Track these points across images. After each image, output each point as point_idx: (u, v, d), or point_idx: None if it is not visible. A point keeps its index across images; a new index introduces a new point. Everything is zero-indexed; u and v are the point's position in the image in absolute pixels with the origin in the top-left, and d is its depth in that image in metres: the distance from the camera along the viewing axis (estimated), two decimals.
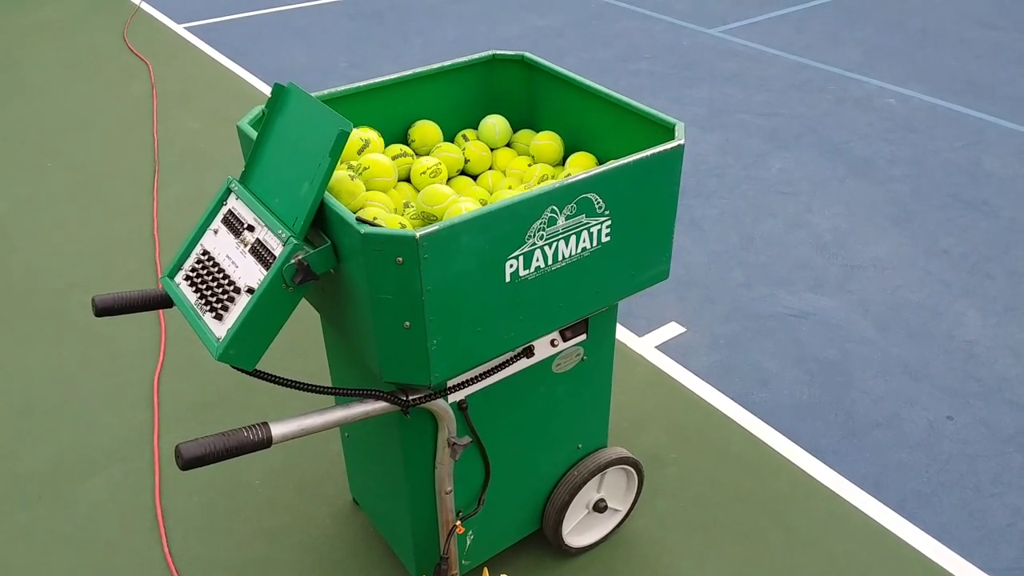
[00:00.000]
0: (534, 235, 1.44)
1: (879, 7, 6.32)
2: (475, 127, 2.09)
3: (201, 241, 1.56)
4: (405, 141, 2.00)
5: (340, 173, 1.64)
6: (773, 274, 3.31)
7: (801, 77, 5.10)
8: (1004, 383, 2.74)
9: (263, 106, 1.74)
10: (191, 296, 1.51)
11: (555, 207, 1.44)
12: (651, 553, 2.17)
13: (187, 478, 2.41)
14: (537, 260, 1.47)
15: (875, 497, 2.33)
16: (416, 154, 1.96)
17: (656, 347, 2.91)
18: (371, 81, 1.88)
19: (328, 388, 1.51)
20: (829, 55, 5.41)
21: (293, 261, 1.38)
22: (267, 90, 5.03)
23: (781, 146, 4.30)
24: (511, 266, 1.44)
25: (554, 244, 1.48)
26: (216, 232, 1.54)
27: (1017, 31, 5.79)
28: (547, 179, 1.84)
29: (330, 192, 1.59)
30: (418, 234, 1.29)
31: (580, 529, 2.13)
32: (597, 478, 2.06)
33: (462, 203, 1.59)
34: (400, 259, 1.32)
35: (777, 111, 4.67)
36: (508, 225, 1.39)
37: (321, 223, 1.44)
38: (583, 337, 1.80)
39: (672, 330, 3.00)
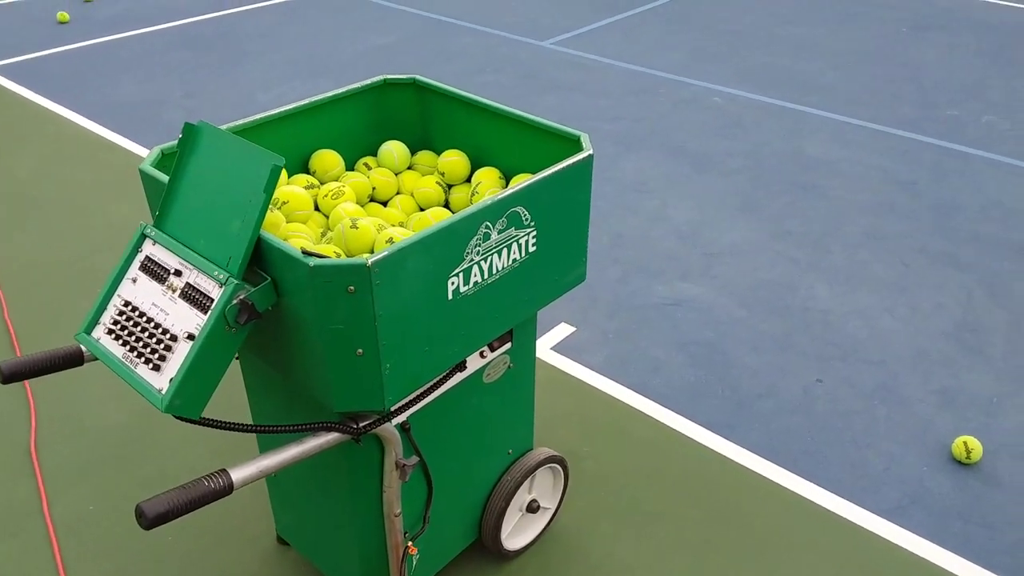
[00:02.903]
0: (472, 251, 1.49)
1: (696, 13, 6.83)
2: (372, 153, 2.10)
3: (119, 292, 1.49)
4: (307, 172, 1.99)
5: None
6: (645, 268, 3.52)
7: (636, 83, 5.42)
8: (858, 344, 3.07)
9: (161, 147, 1.68)
10: (117, 350, 1.43)
11: (488, 223, 1.50)
12: (583, 544, 2.26)
13: (90, 546, 2.25)
14: (475, 275, 1.52)
15: (771, 461, 2.55)
16: (321, 183, 1.95)
17: (552, 348, 3.02)
18: (263, 115, 1.86)
19: (279, 427, 1.48)
20: (658, 60, 5.79)
21: (236, 301, 1.35)
22: (100, 130, 4.73)
23: (630, 148, 4.56)
24: (453, 283, 1.48)
25: (489, 258, 1.53)
26: (135, 281, 1.48)
27: (819, 27, 6.44)
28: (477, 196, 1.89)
29: None
30: (369, 261, 1.31)
31: (516, 532, 2.19)
32: (528, 480, 2.12)
33: (391, 231, 1.61)
34: (352, 288, 1.33)
35: (620, 116, 4.95)
36: (449, 244, 1.44)
37: (255, 260, 1.41)
38: (508, 345, 1.87)
39: (563, 331, 3.12)
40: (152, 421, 2.67)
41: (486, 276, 1.54)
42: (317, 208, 1.87)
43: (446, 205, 1.98)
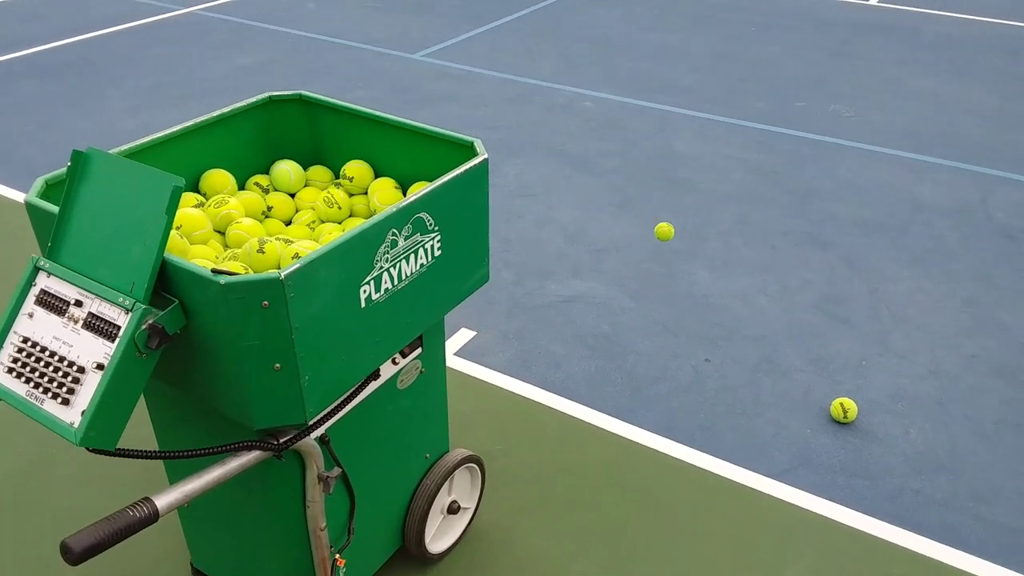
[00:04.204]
0: (381, 258, 1.52)
1: (558, 24, 7.05)
2: (261, 171, 2.09)
3: (14, 329, 1.43)
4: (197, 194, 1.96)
5: None
6: (537, 268, 3.63)
7: (509, 91, 5.56)
8: (739, 323, 3.28)
9: (45, 178, 1.62)
10: (19, 388, 1.38)
11: (395, 230, 1.53)
12: (506, 540, 2.32)
13: None
14: (386, 282, 1.55)
15: (671, 439, 2.69)
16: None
17: (455, 353, 3.07)
18: (147, 139, 1.82)
19: (200, 451, 1.46)
20: (527, 68, 5.95)
21: (145, 326, 1.33)
22: None
23: (511, 154, 4.68)
24: (365, 291, 1.51)
25: (398, 264, 1.57)
26: (32, 316, 1.43)
27: (675, 32, 6.79)
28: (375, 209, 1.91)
29: None
30: (283, 274, 1.32)
31: (439, 535, 2.22)
32: (447, 482, 2.16)
33: (297, 247, 1.62)
34: (266, 303, 1.34)
35: (498, 123, 5.06)
36: (358, 252, 1.46)
37: (160, 283, 1.40)
38: (419, 351, 1.90)
39: (465, 335, 3.18)
40: (42, 466, 2.54)
41: (396, 282, 1.58)
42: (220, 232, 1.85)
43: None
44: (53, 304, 1.41)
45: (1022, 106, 5.38)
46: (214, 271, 1.34)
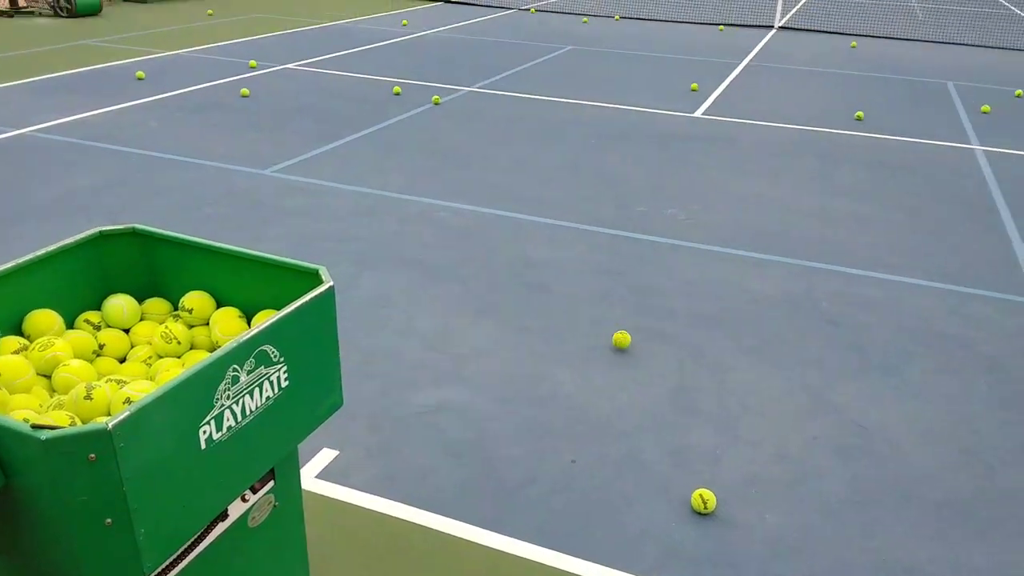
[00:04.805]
0: (221, 396, 1.47)
1: (406, 139, 7.25)
2: (92, 308, 2.00)
3: None
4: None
5: None
6: (399, 379, 3.59)
7: (363, 204, 5.62)
8: (601, 421, 3.36)
9: None
10: None
11: (236, 365, 1.49)
12: None
13: None
14: (228, 420, 1.50)
15: (543, 546, 2.67)
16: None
17: (316, 476, 2.95)
18: None
19: None
20: (379, 182, 6.05)
21: None
22: None
23: (367, 267, 4.68)
24: (205, 432, 1.45)
25: (241, 400, 1.52)
26: None
27: (522, 145, 7.13)
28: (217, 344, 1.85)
29: None
30: (111, 424, 1.25)
31: None
32: None
33: (129, 390, 1.54)
34: (93, 455, 1.26)
35: (353, 236, 5.08)
36: (196, 392, 1.41)
37: None
38: (271, 484, 1.83)
39: (327, 456, 3.07)
40: None
41: (240, 419, 1.53)
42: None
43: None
44: None
45: (834, 203, 5.98)
46: (34, 426, 1.25)
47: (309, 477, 2.96)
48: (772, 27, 14.64)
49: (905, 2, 20.05)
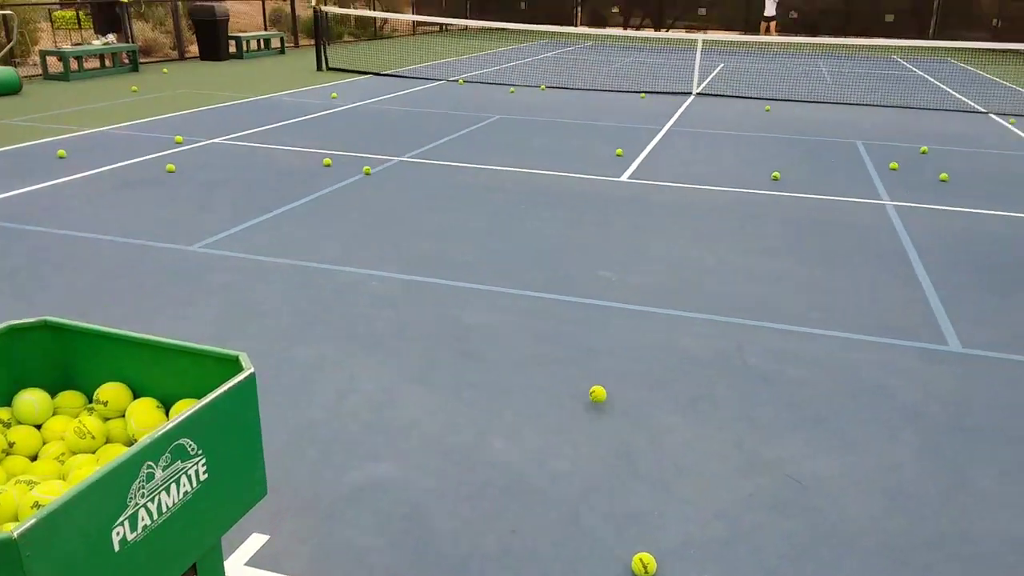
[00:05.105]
0: (135, 495, 1.42)
1: (342, 207, 7.25)
2: (2, 405, 1.91)
3: None
4: None
5: None
6: (332, 455, 3.51)
7: (294, 277, 5.56)
8: (539, 487, 3.33)
9: None
10: None
11: (151, 462, 1.44)
12: None
13: None
14: (143, 519, 1.44)
15: None
16: None
17: (245, 564, 2.84)
18: None
19: None
20: (312, 252, 6.01)
21: None
22: None
23: (302, 338, 4.61)
24: (118, 533, 1.39)
25: (156, 498, 1.47)
26: None
27: (451, 212, 7.19)
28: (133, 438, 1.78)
29: None
30: (16, 533, 1.19)
31: None
32: None
33: (38, 492, 1.47)
34: None
35: (284, 310, 5.00)
36: (108, 493, 1.35)
37: None
38: None
39: (256, 541, 2.96)
40: None
41: (156, 517, 1.47)
42: None
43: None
44: None
45: (758, 261, 6.18)
46: None
47: (238, 565, 2.84)
48: (690, 93, 15.27)
49: (814, 67, 21.20)
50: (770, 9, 25.21)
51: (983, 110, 14.16)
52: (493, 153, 9.59)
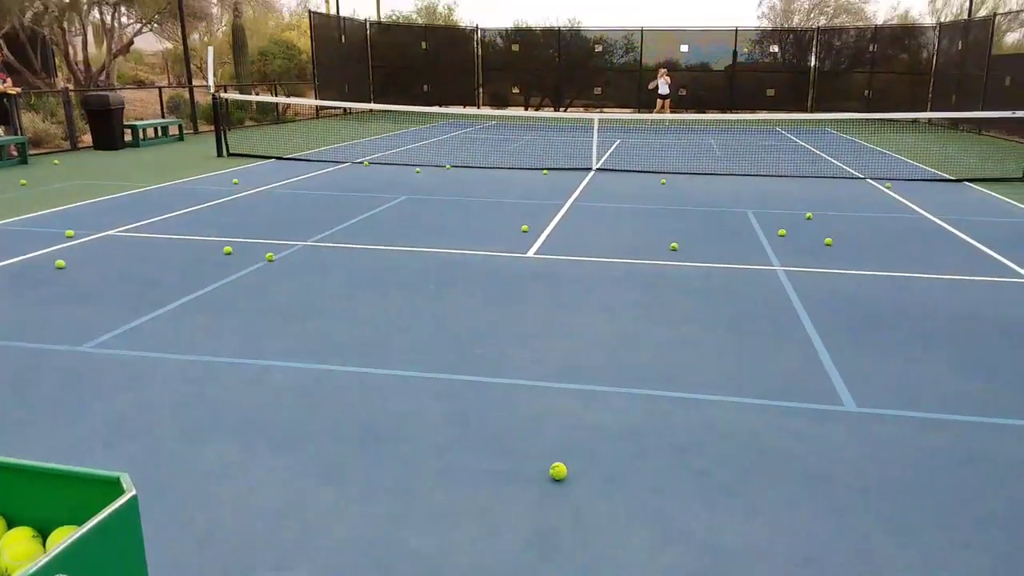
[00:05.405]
0: None
1: (244, 297, 7.08)
2: None
3: None
4: None
5: None
6: (239, 563, 3.33)
7: (194, 373, 5.35)
8: None
9: None
10: None
11: None
12: None
13: None
14: None
15: None
16: None
17: None
18: None
19: None
20: (212, 347, 5.82)
21: None
22: None
23: (202, 438, 4.41)
24: None
25: None
26: None
27: (357, 296, 7.12)
28: None
29: None
30: None
31: None
32: None
33: None
34: None
35: (183, 407, 4.79)
36: None
37: None
38: None
39: None
40: None
41: None
42: None
43: None
44: None
45: (661, 330, 6.33)
46: None
47: None
48: (591, 169, 15.81)
49: (704, 141, 22.34)
50: (663, 88, 26.63)
51: (861, 175, 15.17)
52: (400, 234, 9.61)
